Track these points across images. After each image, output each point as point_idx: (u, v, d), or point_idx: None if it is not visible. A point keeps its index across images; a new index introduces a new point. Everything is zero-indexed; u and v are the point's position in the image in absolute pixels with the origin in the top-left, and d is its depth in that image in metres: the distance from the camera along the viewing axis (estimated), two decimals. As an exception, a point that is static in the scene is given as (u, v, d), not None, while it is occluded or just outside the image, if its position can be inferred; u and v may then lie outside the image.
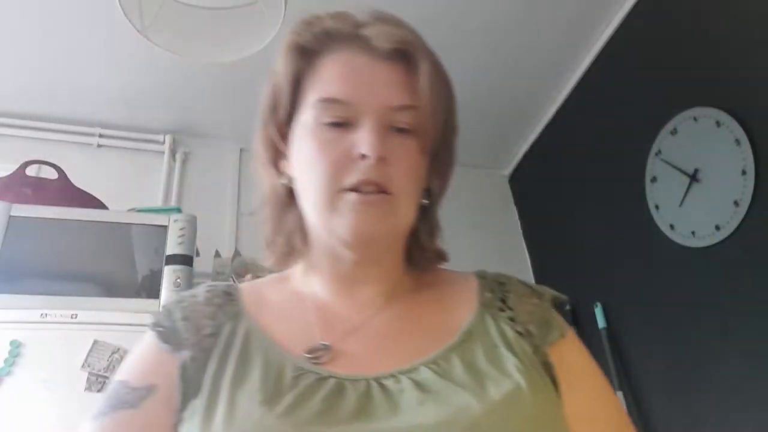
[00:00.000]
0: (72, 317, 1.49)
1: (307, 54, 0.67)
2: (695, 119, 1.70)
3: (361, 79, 0.64)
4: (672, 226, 1.76)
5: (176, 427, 0.57)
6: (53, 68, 2.14)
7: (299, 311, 0.67)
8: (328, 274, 0.68)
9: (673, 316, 1.75)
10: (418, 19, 0.72)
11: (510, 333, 0.63)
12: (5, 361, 1.39)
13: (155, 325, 0.65)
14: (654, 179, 1.84)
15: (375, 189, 0.61)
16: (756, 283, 1.49)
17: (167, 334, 0.64)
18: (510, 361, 0.59)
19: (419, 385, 0.56)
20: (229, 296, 0.68)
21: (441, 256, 0.73)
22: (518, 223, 2.69)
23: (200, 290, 0.69)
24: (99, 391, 1.41)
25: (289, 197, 0.69)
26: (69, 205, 1.73)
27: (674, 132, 1.77)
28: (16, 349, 1.41)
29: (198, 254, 1.87)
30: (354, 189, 0.61)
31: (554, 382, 0.61)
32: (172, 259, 1.67)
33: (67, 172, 1.92)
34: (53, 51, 2.07)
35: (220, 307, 0.66)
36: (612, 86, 2.10)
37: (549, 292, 0.70)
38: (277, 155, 0.70)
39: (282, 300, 0.70)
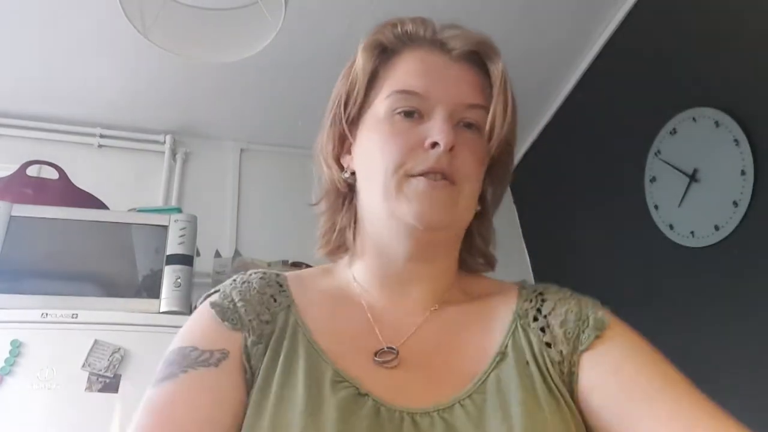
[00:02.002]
0: (72, 317, 1.49)
1: (386, 52, 0.70)
2: (694, 119, 1.70)
3: (436, 75, 0.67)
4: (671, 226, 1.76)
5: (246, 401, 0.58)
6: (54, 68, 2.14)
7: (347, 308, 0.68)
8: (379, 271, 0.69)
9: (672, 315, 1.75)
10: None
11: (537, 346, 0.62)
12: (6, 360, 1.39)
13: (213, 304, 0.65)
14: (653, 179, 1.84)
15: (441, 177, 0.63)
16: (755, 283, 1.49)
17: (226, 312, 0.64)
18: (538, 383, 0.59)
19: (449, 427, 0.56)
20: (280, 286, 0.68)
21: (490, 263, 0.75)
22: (518, 223, 2.69)
23: (252, 276, 0.69)
24: (100, 390, 1.41)
25: (348, 192, 0.72)
26: (70, 205, 1.74)
27: (674, 132, 1.77)
28: (16, 348, 1.42)
29: (198, 254, 1.88)
30: (422, 175, 0.63)
31: (572, 395, 0.60)
32: (172, 259, 1.67)
33: (67, 173, 1.93)
34: (54, 51, 2.07)
35: (273, 297, 0.66)
36: (611, 86, 2.11)
37: (593, 300, 0.69)
38: (342, 150, 0.72)
39: (329, 295, 0.70)
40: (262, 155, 2.57)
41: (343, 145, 0.72)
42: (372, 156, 0.66)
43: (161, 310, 1.59)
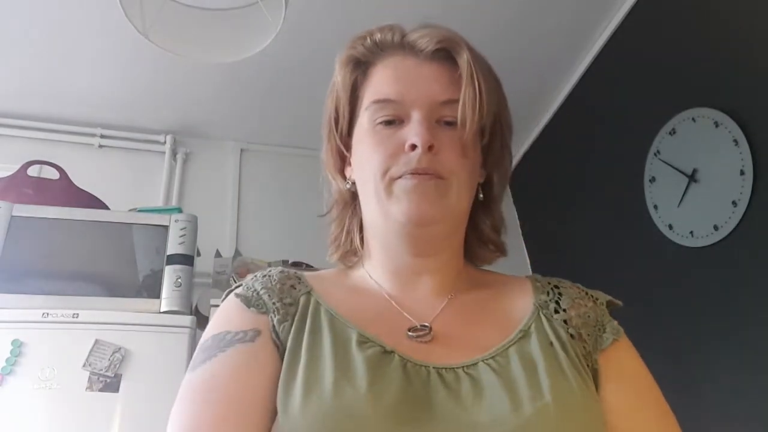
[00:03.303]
0: (73, 317, 1.49)
1: (361, 65, 0.73)
2: (694, 120, 1.70)
3: (409, 79, 0.69)
4: (670, 226, 1.76)
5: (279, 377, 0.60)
6: (54, 69, 2.15)
7: (368, 297, 0.70)
8: (390, 266, 0.71)
9: (671, 315, 1.75)
10: (416, 20, 0.73)
11: (563, 334, 0.65)
12: (7, 360, 1.40)
13: (238, 295, 0.68)
14: (653, 179, 1.85)
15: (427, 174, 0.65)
16: (754, 283, 1.49)
17: (251, 300, 0.67)
18: (564, 360, 0.61)
19: (475, 382, 0.58)
20: (299, 279, 0.71)
21: (501, 250, 0.77)
22: (517, 222, 2.69)
23: (272, 271, 0.72)
24: (100, 390, 1.42)
25: (352, 200, 0.75)
26: (70, 206, 1.74)
27: (673, 132, 1.78)
28: (17, 348, 1.42)
29: (199, 254, 1.88)
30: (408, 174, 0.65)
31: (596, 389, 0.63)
32: (173, 259, 1.67)
33: (68, 173, 1.93)
34: (55, 52, 2.07)
35: (293, 286, 0.69)
36: (611, 87, 2.11)
37: (603, 296, 0.72)
38: (343, 163, 0.76)
39: (348, 287, 0.73)
40: (262, 155, 2.58)
41: (342, 158, 0.75)
42: (363, 166, 0.70)
43: (162, 310, 1.59)
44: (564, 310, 0.67)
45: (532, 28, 2.09)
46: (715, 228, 1.59)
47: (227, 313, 0.68)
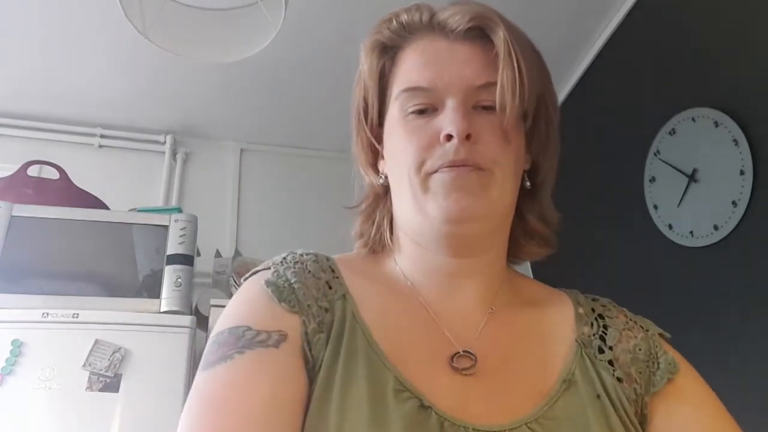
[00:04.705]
0: (73, 317, 1.49)
1: (388, 50, 0.67)
2: (694, 120, 1.70)
3: (441, 63, 0.62)
4: (670, 226, 1.76)
5: (309, 389, 0.54)
6: (54, 69, 2.15)
7: (405, 305, 0.63)
8: (423, 264, 0.65)
9: (671, 315, 1.75)
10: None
11: (609, 380, 0.59)
12: (7, 360, 1.40)
13: (269, 282, 0.60)
14: (653, 179, 1.85)
15: (466, 166, 0.59)
16: (754, 282, 1.49)
17: (283, 293, 0.59)
18: (612, 417, 0.56)
19: None
20: (333, 272, 0.63)
21: (549, 244, 0.71)
22: (518, 222, 2.69)
23: (305, 258, 0.64)
24: (100, 390, 1.42)
25: (385, 194, 0.69)
26: (70, 206, 1.74)
27: (673, 132, 1.78)
28: (17, 348, 1.42)
29: (199, 254, 1.88)
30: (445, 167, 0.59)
31: None
32: (173, 259, 1.67)
33: (68, 173, 1.93)
34: (55, 52, 2.07)
35: (328, 283, 0.61)
36: (611, 86, 2.11)
37: (654, 327, 0.67)
38: (375, 156, 0.70)
39: (383, 287, 0.65)
40: (262, 155, 2.58)
41: (374, 151, 0.69)
42: (396, 159, 0.64)
43: (162, 310, 1.59)
44: (610, 348, 0.61)
45: (532, 28, 2.07)
46: (715, 228, 1.59)
47: (250, 303, 0.59)
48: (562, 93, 2.36)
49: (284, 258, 0.64)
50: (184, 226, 1.73)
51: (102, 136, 2.38)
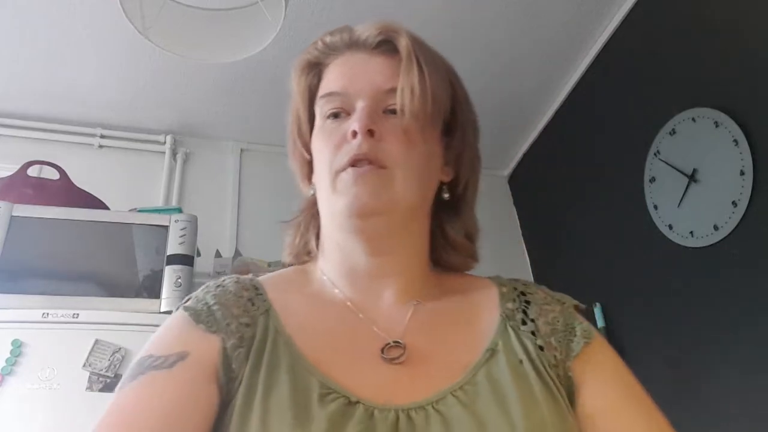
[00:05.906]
0: (73, 317, 1.49)
1: (314, 67, 0.73)
2: (694, 120, 1.70)
3: (356, 72, 0.68)
4: (670, 226, 1.76)
5: (224, 407, 0.56)
6: (55, 69, 2.15)
7: (331, 308, 0.67)
8: (346, 267, 0.68)
9: (671, 315, 1.76)
10: (416, 20, 0.73)
11: (532, 348, 0.63)
12: (7, 360, 1.40)
13: (187, 308, 0.63)
14: (653, 179, 1.85)
15: (368, 164, 0.63)
16: (754, 282, 1.49)
17: (200, 315, 0.62)
18: (534, 381, 0.59)
19: (445, 421, 0.56)
20: (256, 290, 0.67)
21: (472, 256, 0.74)
22: (518, 223, 2.69)
23: (227, 281, 0.67)
24: (100, 390, 1.41)
25: (314, 205, 0.72)
26: (70, 206, 1.74)
27: (673, 132, 1.78)
28: (17, 348, 1.42)
29: (199, 254, 1.88)
30: (350, 167, 0.63)
31: (571, 399, 0.61)
32: (173, 259, 1.67)
33: (68, 173, 1.93)
34: (55, 52, 2.07)
35: (251, 300, 0.65)
36: (611, 87, 2.11)
37: (570, 300, 0.70)
38: (309, 169, 0.73)
39: (309, 298, 0.69)
40: (262, 155, 2.57)
41: (308, 164, 0.73)
42: (318, 164, 0.68)
43: (162, 310, 1.59)
44: (532, 320, 0.65)
45: (532, 28, 2.09)
46: (715, 228, 1.59)
47: (168, 329, 0.63)
48: (562, 93, 2.36)
49: (207, 285, 0.68)
50: (184, 226, 1.73)
51: (102, 137, 2.37)
